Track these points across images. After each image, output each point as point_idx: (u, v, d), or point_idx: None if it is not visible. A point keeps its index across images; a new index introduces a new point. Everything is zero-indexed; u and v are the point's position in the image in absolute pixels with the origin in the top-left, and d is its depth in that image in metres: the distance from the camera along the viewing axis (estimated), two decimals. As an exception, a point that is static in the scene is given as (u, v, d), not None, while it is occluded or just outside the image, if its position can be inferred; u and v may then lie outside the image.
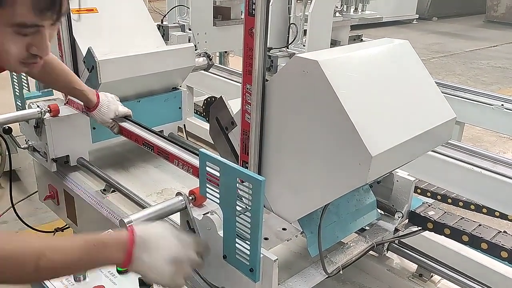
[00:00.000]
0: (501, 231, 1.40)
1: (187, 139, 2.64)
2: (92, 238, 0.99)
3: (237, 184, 1.07)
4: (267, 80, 1.21)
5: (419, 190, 2.33)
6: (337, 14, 2.96)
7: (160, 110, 2.27)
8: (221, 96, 1.38)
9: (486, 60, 8.25)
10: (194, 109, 4.11)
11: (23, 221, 2.56)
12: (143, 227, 1.07)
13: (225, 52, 4.36)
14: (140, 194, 1.90)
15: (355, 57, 1.18)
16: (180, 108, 2.36)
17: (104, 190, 1.92)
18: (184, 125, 2.48)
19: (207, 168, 1.14)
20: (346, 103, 1.06)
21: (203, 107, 3.83)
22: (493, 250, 1.35)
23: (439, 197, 2.32)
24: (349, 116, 1.04)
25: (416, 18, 11.47)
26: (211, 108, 1.41)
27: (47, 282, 1.27)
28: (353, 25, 3.27)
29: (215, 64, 3.10)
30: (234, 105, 1.36)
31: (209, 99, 3.74)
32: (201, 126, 3.86)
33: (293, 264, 1.53)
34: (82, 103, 1.91)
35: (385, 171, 1.15)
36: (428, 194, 2.33)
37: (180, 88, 2.36)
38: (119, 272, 1.28)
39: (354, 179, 1.08)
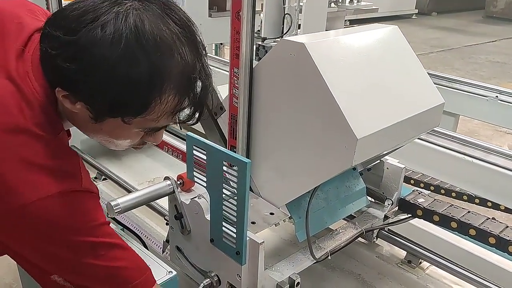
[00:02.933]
0: (489, 218, 1.40)
1: (180, 129, 2.64)
2: None
3: (224, 168, 1.07)
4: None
5: (412, 181, 2.33)
6: (332, 4, 2.95)
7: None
8: (210, 81, 1.37)
9: (484, 55, 8.24)
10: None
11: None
12: None
13: (221, 43, 4.35)
14: (132, 182, 1.91)
15: (343, 40, 1.18)
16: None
17: (96, 178, 1.92)
18: (178, 114, 2.48)
19: (194, 152, 1.14)
20: (332, 86, 1.05)
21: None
22: (481, 236, 1.36)
23: (432, 187, 2.32)
24: (335, 99, 1.04)
25: (416, 13, 11.44)
26: (200, 94, 1.41)
27: None
28: (351, 20, 3.24)
29: (209, 55, 3.09)
30: (223, 91, 1.35)
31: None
32: (197, 118, 3.84)
33: (283, 250, 1.54)
34: None
35: (371, 155, 1.15)
36: (421, 185, 2.33)
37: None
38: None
39: (340, 162, 1.08)
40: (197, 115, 0.92)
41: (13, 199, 0.78)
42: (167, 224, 1.39)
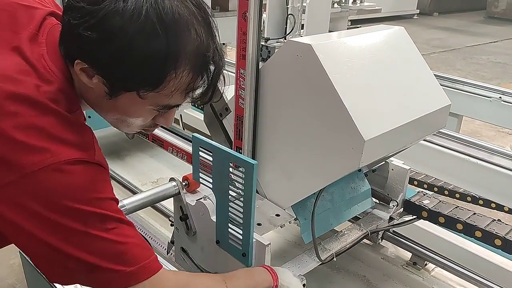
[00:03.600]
0: (495, 220, 1.40)
1: (183, 129, 2.64)
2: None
3: (230, 169, 1.06)
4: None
5: (415, 182, 2.33)
6: (335, 5, 2.95)
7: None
8: (215, 82, 1.37)
9: (486, 55, 8.22)
10: (192, 101, 4.09)
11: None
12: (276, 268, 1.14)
13: (223, 43, 4.35)
14: (135, 183, 1.90)
15: (349, 42, 1.17)
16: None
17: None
18: (181, 115, 2.48)
19: (200, 153, 1.14)
20: (339, 87, 1.05)
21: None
22: (487, 238, 1.35)
23: (435, 188, 2.32)
24: (342, 100, 1.04)
25: (417, 13, 11.43)
26: (206, 94, 1.40)
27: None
28: (353, 20, 3.25)
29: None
30: (229, 92, 1.35)
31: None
32: (198, 118, 3.84)
33: (287, 252, 1.54)
34: None
35: (378, 156, 1.14)
36: (425, 186, 2.32)
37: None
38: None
39: (347, 163, 1.08)
40: (209, 95, 0.93)
41: (24, 166, 0.78)
42: (171, 225, 1.39)
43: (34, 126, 0.80)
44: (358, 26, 3.50)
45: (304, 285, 1.20)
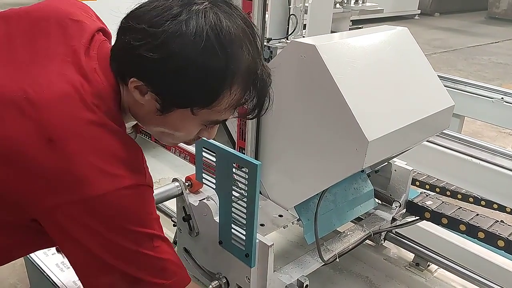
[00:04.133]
0: (498, 221, 1.40)
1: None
2: None
3: (233, 170, 1.06)
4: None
5: (417, 183, 2.33)
6: (337, 5, 2.94)
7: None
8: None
9: (487, 56, 8.22)
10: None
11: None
12: None
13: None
14: (138, 183, 1.89)
15: (353, 42, 1.17)
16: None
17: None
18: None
19: (204, 154, 1.14)
20: (343, 88, 1.05)
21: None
22: (490, 239, 1.35)
23: (438, 189, 2.31)
24: (346, 101, 1.04)
25: (418, 14, 11.43)
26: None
27: (58, 282, 1.35)
28: (354, 20, 3.25)
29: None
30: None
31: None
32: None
33: (290, 253, 1.53)
34: None
35: (382, 157, 1.14)
36: (427, 186, 2.32)
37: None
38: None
39: (351, 164, 1.07)
40: (257, 110, 0.96)
41: (88, 190, 0.82)
42: (174, 225, 1.39)
43: (100, 149, 0.85)
44: (360, 26, 3.50)
45: (306, 286, 1.20)
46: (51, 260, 1.45)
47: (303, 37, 3.00)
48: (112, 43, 0.96)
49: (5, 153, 0.81)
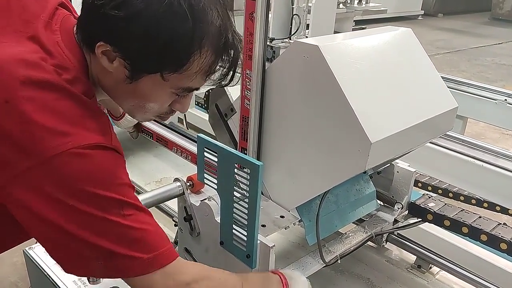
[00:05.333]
0: (500, 223, 1.39)
1: (187, 129, 2.63)
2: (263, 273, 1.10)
3: (235, 170, 1.06)
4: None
5: (420, 184, 2.32)
6: (341, 5, 2.93)
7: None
8: (220, 83, 1.36)
9: (490, 57, 8.19)
10: (196, 101, 4.09)
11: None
12: (289, 275, 1.12)
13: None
14: (139, 182, 1.90)
15: (357, 43, 1.17)
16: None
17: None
18: (185, 115, 2.48)
19: (205, 154, 1.13)
20: (346, 89, 1.04)
21: (204, 98, 3.80)
22: (493, 242, 1.34)
23: (440, 191, 2.31)
24: (349, 102, 1.03)
25: (422, 14, 11.40)
26: (211, 95, 1.40)
27: (58, 281, 1.30)
28: (357, 20, 3.23)
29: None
30: (234, 92, 1.35)
31: (210, 91, 3.71)
32: (202, 118, 3.84)
33: (291, 253, 1.53)
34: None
35: (384, 159, 1.13)
36: (430, 188, 2.32)
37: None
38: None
39: (353, 166, 1.07)
40: (229, 76, 0.95)
41: (43, 151, 0.78)
42: (175, 225, 1.38)
43: (54, 110, 0.80)
44: (363, 27, 3.49)
45: None
46: (51, 259, 1.45)
47: (306, 37, 3.00)
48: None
49: None
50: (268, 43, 2.70)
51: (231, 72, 0.95)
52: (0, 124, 0.78)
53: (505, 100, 2.86)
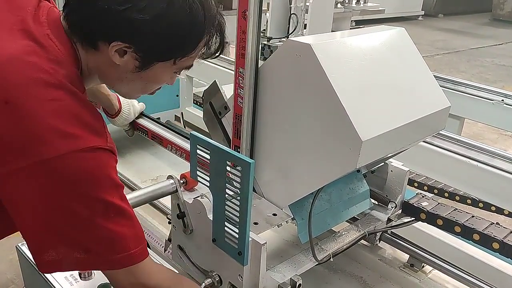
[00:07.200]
0: (493, 223, 1.39)
1: (184, 127, 2.64)
2: None
3: (227, 168, 1.06)
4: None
5: (416, 184, 2.32)
6: (339, 5, 2.94)
7: (157, 97, 2.27)
8: (214, 81, 1.37)
9: (490, 58, 8.19)
10: (194, 100, 4.10)
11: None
12: None
13: (226, 42, 4.34)
14: (135, 180, 1.91)
15: (349, 42, 1.17)
16: (177, 96, 2.36)
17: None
18: (182, 113, 2.48)
19: (198, 151, 1.14)
20: (337, 87, 1.05)
21: (203, 97, 3.81)
22: (485, 241, 1.35)
23: (436, 191, 2.31)
24: (340, 100, 1.04)
25: (422, 15, 11.40)
26: (205, 93, 1.40)
27: (49, 277, 1.31)
28: (357, 20, 3.23)
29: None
30: (229, 90, 1.35)
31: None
32: (200, 116, 3.84)
33: (284, 251, 1.53)
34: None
35: (376, 158, 1.14)
36: (425, 188, 2.32)
37: (178, 76, 2.36)
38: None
39: (345, 164, 1.07)
40: (220, 50, 1.06)
41: (46, 151, 0.80)
42: (169, 223, 1.39)
43: (54, 110, 0.82)
44: (361, 26, 3.49)
45: (299, 285, 1.19)
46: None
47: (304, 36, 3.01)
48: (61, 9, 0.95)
49: None
50: (265, 42, 2.71)
51: (221, 48, 1.05)
52: (3, 125, 0.80)
53: (502, 100, 2.86)
